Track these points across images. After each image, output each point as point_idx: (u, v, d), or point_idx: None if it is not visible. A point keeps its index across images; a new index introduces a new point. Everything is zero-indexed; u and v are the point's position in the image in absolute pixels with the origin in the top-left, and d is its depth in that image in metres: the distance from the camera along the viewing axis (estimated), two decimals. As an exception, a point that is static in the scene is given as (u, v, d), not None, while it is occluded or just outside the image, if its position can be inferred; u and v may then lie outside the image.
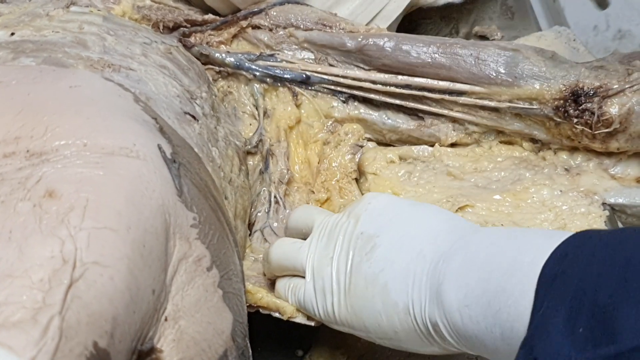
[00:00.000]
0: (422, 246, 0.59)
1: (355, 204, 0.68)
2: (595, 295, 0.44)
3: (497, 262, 0.52)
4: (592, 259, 0.46)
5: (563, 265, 0.47)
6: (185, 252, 0.54)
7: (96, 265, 0.47)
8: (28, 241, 0.47)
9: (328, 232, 0.66)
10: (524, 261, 0.50)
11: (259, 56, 0.87)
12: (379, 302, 0.60)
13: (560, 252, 0.49)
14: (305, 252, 0.67)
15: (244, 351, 0.58)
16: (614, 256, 0.45)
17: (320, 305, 0.65)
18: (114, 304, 0.46)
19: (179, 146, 0.61)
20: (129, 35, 0.75)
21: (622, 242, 0.46)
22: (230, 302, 0.58)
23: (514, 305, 0.49)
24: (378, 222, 0.64)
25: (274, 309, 0.69)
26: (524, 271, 0.49)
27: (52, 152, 0.53)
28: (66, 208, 0.49)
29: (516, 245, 0.53)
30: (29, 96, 0.58)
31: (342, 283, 0.63)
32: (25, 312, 0.43)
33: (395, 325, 0.60)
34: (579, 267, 0.46)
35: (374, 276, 0.60)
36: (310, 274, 0.66)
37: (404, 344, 0.61)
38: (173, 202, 0.55)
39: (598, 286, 0.44)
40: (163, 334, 0.51)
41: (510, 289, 0.50)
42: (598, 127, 0.78)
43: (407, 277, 0.59)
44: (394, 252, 0.61)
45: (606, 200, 0.79)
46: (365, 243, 0.63)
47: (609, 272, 0.44)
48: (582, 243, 0.48)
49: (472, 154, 0.85)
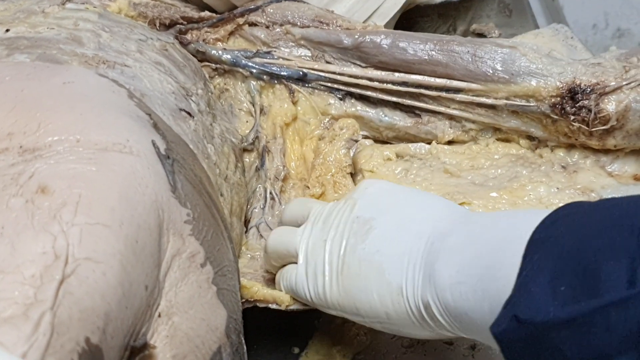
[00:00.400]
0: (420, 227, 0.59)
1: (353, 190, 0.68)
2: (579, 256, 0.44)
3: (491, 236, 0.52)
4: (580, 223, 0.46)
5: (551, 231, 0.47)
6: (178, 248, 0.54)
7: (88, 261, 0.46)
8: (20, 237, 0.47)
9: (324, 218, 0.66)
10: (515, 234, 0.49)
11: (255, 53, 0.87)
12: (373, 282, 0.60)
13: (550, 219, 0.48)
14: (299, 237, 0.67)
15: (237, 348, 0.58)
16: (603, 220, 0.45)
17: (311, 287, 0.65)
18: (106, 300, 0.46)
19: (173, 142, 0.61)
20: (125, 32, 0.75)
21: (611, 208, 0.46)
22: (225, 298, 0.57)
23: (503, 277, 0.48)
24: (375, 206, 0.64)
25: (271, 301, 0.69)
26: (515, 243, 0.49)
27: (45, 148, 0.53)
28: (58, 204, 0.49)
29: (512, 221, 0.53)
30: (23, 92, 0.57)
31: (335, 264, 0.63)
32: (17, 307, 0.43)
33: (387, 306, 0.59)
34: (567, 231, 0.46)
35: (369, 256, 0.60)
36: (303, 257, 0.66)
37: (395, 326, 0.61)
38: (167, 198, 0.55)
39: (583, 247, 0.44)
40: (156, 330, 0.51)
41: (500, 261, 0.49)
42: (595, 124, 0.78)
43: (403, 257, 0.59)
44: (391, 233, 0.60)
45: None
46: (361, 226, 0.63)
47: (596, 234, 0.44)
48: (572, 211, 0.48)
49: (469, 151, 0.85)
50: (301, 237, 0.67)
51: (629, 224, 0.43)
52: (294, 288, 0.67)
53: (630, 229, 0.42)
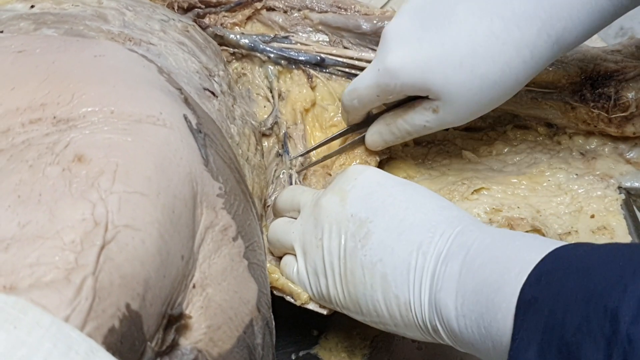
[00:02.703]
0: (421, 238, 0.59)
1: (338, 178, 0.67)
2: (562, 331, 0.45)
3: (488, 272, 0.53)
4: (561, 288, 0.47)
5: (536, 291, 0.48)
6: (211, 220, 0.54)
7: (128, 228, 0.46)
8: (58, 204, 0.47)
9: (314, 211, 0.65)
10: (511, 274, 0.51)
11: (273, 38, 0.87)
12: (379, 292, 0.60)
13: (536, 275, 0.49)
14: (293, 233, 0.67)
15: (268, 322, 0.58)
16: (580, 286, 0.46)
17: (313, 286, 0.65)
18: (145, 267, 0.46)
19: (203, 118, 0.61)
20: (147, 12, 0.75)
21: (589, 270, 0.46)
22: (255, 272, 0.57)
23: (502, 320, 0.50)
24: (368, 204, 0.62)
25: (288, 293, 0.69)
26: (510, 286, 0.50)
27: (79, 119, 0.53)
28: (96, 172, 0.48)
29: (506, 255, 0.53)
30: (54, 64, 0.57)
31: (337, 267, 0.62)
32: (58, 272, 0.43)
33: (396, 317, 0.60)
34: (550, 296, 0.47)
35: (371, 265, 0.60)
36: (301, 255, 0.66)
37: (401, 331, 0.61)
38: (200, 170, 0.55)
39: (564, 321, 0.45)
40: (191, 300, 0.51)
41: (498, 303, 0.51)
42: (614, 111, 0.78)
43: (409, 272, 0.58)
44: (392, 241, 0.60)
45: (622, 184, 0.79)
46: (358, 228, 0.61)
47: (574, 307, 0.45)
48: (554, 267, 0.49)
49: (487, 137, 0.85)
50: (295, 232, 0.67)
51: (603, 304, 0.43)
52: (297, 282, 0.67)
53: (604, 310, 0.43)
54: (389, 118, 0.74)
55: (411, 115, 0.71)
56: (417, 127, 0.72)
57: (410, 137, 0.75)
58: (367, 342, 0.75)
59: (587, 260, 0.48)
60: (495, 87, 0.67)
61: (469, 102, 0.68)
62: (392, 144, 0.77)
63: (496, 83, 0.66)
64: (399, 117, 0.73)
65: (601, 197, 0.77)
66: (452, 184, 0.79)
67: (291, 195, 0.71)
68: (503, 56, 0.65)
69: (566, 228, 0.75)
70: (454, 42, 0.66)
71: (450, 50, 0.66)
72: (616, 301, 0.42)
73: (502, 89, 0.67)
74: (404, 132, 0.74)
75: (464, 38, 0.65)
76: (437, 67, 0.66)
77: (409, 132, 0.73)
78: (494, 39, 0.65)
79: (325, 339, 0.76)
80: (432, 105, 0.69)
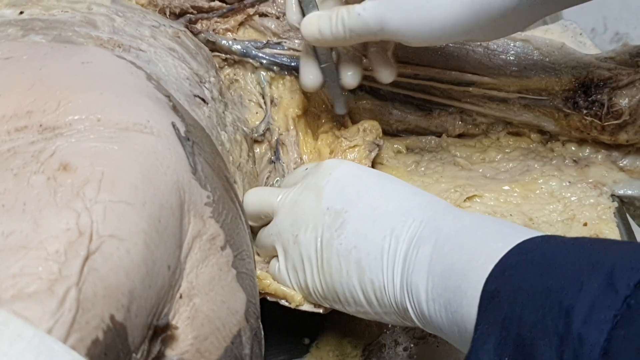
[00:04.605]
0: (394, 224, 0.59)
1: (313, 173, 0.67)
2: (519, 326, 0.45)
3: (457, 257, 0.53)
4: (521, 283, 0.47)
5: (499, 283, 0.49)
6: (199, 229, 0.54)
7: (113, 238, 0.46)
8: (43, 213, 0.46)
9: (290, 210, 0.65)
10: (478, 262, 0.51)
11: (265, 44, 0.86)
12: (355, 279, 0.60)
13: (500, 268, 0.49)
14: (271, 235, 0.67)
15: (256, 332, 0.58)
16: (540, 283, 0.46)
17: (293, 282, 0.66)
18: (130, 278, 0.46)
19: (192, 125, 0.60)
20: (137, 18, 0.74)
21: (550, 266, 0.47)
22: (244, 282, 0.57)
23: (467, 307, 0.50)
24: (343, 196, 0.63)
25: (282, 297, 0.69)
26: (475, 274, 0.50)
27: (65, 127, 0.52)
28: (81, 181, 0.48)
29: (475, 242, 0.53)
30: (41, 71, 0.57)
31: (314, 259, 0.63)
32: (41, 283, 0.42)
33: (372, 301, 0.60)
34: (511, 290, 0.47)
35: (346, 252, 0.61)
36: (281, 253, 0.66)
37: (381, 317, 0.62)
38: (187, 179, 0.54)
39: (522, 316, 0.46)
40: (178, 311, 0.51)
41: (464, 290, 0.51)
42: (607, 119, 0.78)
43: (382, 256, 0.59)
44: (366, 228, 0.60)
45: (615, 192, 0.79)
46: (334, 219, 0.62)
47: (531, 302, 0.45)
48: (518, 261, 0.49)
49: (480, 144, 0.85)
50: (273, 233, 0.67)
51: (558, 301, 0.44)
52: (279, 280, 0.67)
53: (559, 308, 0.43)
54: (332, 3, 0.72)
55: (355, 4, 0.69)
56: (352, 14, 0.68)
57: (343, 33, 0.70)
58: (358, 350, 0.75)
59: (550, 256, 0.48)
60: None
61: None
62: (325, 36, 0.71)
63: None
64: (343, 4, 0.71)
65: (594, 205, 0.77)
66: (444, 191, 0.79)
67: (258, 199, 0.70)
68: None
69: (559, 236, 0.75)
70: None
71: None
72: (571, 299, 0.43)
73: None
74: (339, 19, 0.69)
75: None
76: None
77: (342, 21, 0.69)
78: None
79: (317, 348, 0.76)
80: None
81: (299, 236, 0.64)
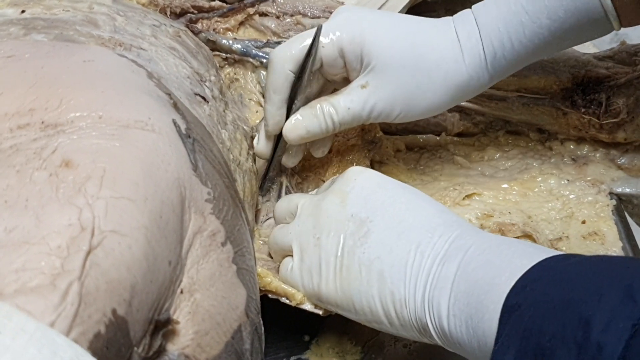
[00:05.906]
0: (420, 239, 0.59)
1: (338, 180, 0.67)
2: (539, 337, 0.46)
3: (481, 274, 0.54)
4: (542, 296, 0.48)
5: (520, 298, 0.50)
6: (200, 225, 0.54)
7: (114, 233, 0.46)
8: (45, 209, 0.46)
9: (312, 212, 0.66)
10: (501, 279, 0.52)
11: (266, 43, 0.87)
12: (375, 289, 0.60)
13: (522, 283, 0.50)
14: (290, 233, 0.67)
15: (257, 327, 0.58)
16: (560, 295, 0.47)
17: (307, 284, 0.65)
18: (132, 273, 0.46)
19: (192, 123, 0.61)
20: (138, 17, 0.75)
21: (571, 281, 0.48)
22: (244, 278, 0.57)
23: (488, 322, 0.51)
24: (369, 205, 0.63)
25: (282, 295, 0.69)
26: (498, 289, 0.51)
27: (67, 124, 0.53)
28: (83, 177, 0.48)
29: (500, 259, 0.54)
30: (43, 69, 0.57)
31: (332, 265, 0.63)
32: (44, 277, 0.43)
33: (390, 314, 0.60)
34: (532, 303, 0.48)
35: (369, 262, 0.61)
36: (297, 253, 0.66)
37: (397, 330, 0.62)
38: (188, 176, 0.54)
39: (542, 328, 0.46)
40: (179, 306, 0.51)
41: (486, 305, 0.52)
42: (605, 117, 0.78)
43: (406, 269, 0.59)
44: (391, 240, 0.60)
45: (613, 190, 0.79)
46: (358, 227, 0.62)
47: (552, 314, 0.46)
48: (540, 276, 0.50)
49: (479, 143, 0.85)
50: (292, 232, 0.67)
51: (578, 312, 0.45)
52: (289, 280, 0.67)
53: (579, 318, 0.44)
54: (314, 101, 0.73)
55: (337, 97, 0.71)
56: (340, 109, 0.71)
57: (333, 127, 0.72)
58: (358, 347, 0.75)
59: (571, 272, 0.49)
60: (430, 72, 0.70)
61: (398, 79, 0.70)
62: (313, 133, 0.73)
63: (432, 64, 0.70)
64: (325, 100, 0.72)
65: (592, 203, 0.77)
66: (443, 189, 0.79)
67: (287, 200, 0.71)
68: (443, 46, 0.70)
69: (557, 234, 0.75)
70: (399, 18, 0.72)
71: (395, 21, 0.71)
72: (590, 310, 0.44)
73: (435, 76, 0.70)
74: (327, 116, 0.71)
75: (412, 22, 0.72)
76: (375, 26, 0.70)
77: (331, 117, 0.71)
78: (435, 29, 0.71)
79: (317, 345, 0.76)
80: (362, 81, 0.70)
81: (320, 239, 0.64)
